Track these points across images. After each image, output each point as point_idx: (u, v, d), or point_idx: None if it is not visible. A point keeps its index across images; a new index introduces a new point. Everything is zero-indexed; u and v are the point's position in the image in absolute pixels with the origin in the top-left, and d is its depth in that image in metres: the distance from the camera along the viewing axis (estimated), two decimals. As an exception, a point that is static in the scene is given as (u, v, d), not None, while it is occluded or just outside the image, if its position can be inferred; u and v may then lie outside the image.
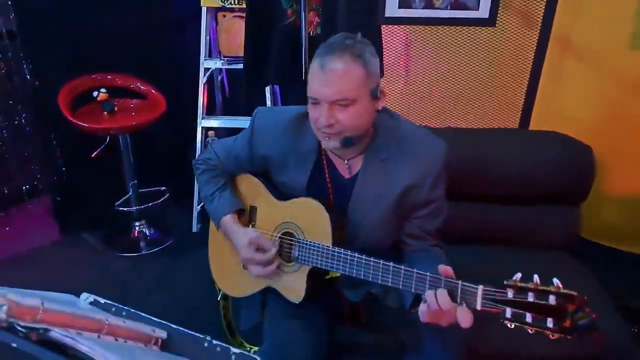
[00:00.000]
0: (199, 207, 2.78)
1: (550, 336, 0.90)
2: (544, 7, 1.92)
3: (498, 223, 1.90)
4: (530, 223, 1.89)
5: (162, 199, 2.82)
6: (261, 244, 1.30)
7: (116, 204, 2.69)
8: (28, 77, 2.45)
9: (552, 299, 0.89)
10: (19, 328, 0.55)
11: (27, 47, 2.41)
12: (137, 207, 2.70)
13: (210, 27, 2.75)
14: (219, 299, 1.60)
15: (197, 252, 1.56)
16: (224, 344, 0.82)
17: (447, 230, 1.37)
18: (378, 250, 1.18)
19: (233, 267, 1.43)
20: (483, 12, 1.85)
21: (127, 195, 2.70)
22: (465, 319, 1.00)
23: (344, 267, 1.18)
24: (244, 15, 2.34)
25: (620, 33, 2.16)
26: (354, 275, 1.17)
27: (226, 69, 3.04)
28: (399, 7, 1.91)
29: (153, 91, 2.67)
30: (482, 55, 2.20)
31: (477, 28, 2.10)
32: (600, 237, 2.50)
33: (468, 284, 1.00)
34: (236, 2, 2.57)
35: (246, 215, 1.43)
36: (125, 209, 2.69)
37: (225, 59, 2.71)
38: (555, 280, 0.91)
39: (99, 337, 0.70)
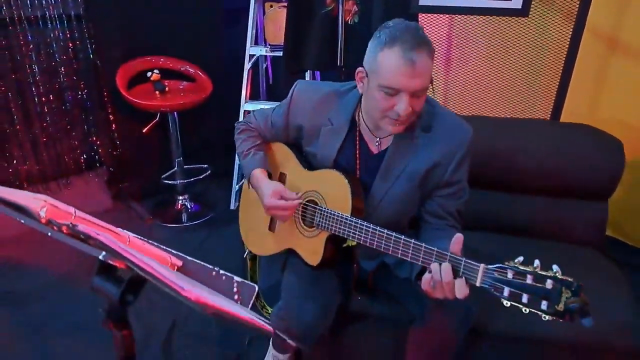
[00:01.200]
0: (238, 186, 2.94)
1: (543, 317, 0.96)
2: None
3: (522, 214, 1.90)
4: (555, 215, 1.87)
5: (204, 175, 3.00)
6: (285, 195, 1.37)
7: (162, 176, 2.90)
8: (91, 56, 2.68)
9: (549, 283, 0.95)
10: (54, 223, 0.69)
11: (91, 30, 2.63)
12: (181, 182, 2.90)
13: (258, 16, 2.89)
14: (245, 255, 1.69)
15: (233, 227, 1.68)
16: (229, 274, 0.93)
17: (470, 217, 1.40)
18: (396, 227, 1.24)
19: (260, 227, 1.55)
20: (516, 2, 1.86)
21: (173, 170, 2.90)
22: (461, 289, 1.07)
23: (359, 235, 1.26)
24: (289, 5, 2.44)
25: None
26: (367, 244, 1.25)
27: (271, 58, 3.18)
28: (433, -4, 1.95)
29: (201, 74, 2.85)
30: (520, 46, 2.19)
31: (518, 19, 2.09)
32: (630, 237, 2.45)
33: (471, 262, 1.07)
34: (283, -8, 2.70)
35: (276, 180, 1.53)
36: (170, 182, 2.90)
37: (270, 46, 2.84)
38: (555, 267, 0.96)
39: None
